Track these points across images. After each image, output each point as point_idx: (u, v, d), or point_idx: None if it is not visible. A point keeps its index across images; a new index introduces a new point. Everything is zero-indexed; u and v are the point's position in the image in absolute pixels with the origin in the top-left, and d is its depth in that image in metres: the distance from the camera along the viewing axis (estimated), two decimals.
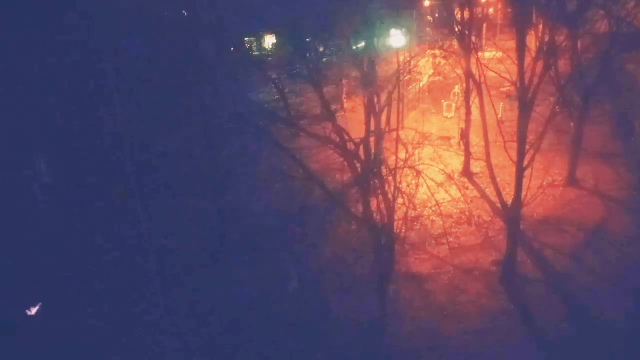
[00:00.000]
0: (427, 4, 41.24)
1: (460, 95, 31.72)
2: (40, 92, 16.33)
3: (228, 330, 17.08)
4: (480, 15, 41.33)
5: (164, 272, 18.36)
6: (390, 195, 18.13)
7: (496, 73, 19.32)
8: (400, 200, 18.68)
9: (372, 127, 23.27)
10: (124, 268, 17.80)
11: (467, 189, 25.73)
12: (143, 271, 18.19)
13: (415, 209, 22.00)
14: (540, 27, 21.63)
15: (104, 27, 16.57)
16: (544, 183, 23.06)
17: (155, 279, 18.14)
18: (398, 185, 17.95)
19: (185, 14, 19.67)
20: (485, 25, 43.10)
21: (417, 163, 19.55)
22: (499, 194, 19.62)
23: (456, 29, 24.25)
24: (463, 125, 27.59)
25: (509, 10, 37.73)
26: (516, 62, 17.31)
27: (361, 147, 20.01)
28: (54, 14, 16.36)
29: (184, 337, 16.75)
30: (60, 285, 17.89)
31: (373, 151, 23.50)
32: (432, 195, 21.38)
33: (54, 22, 16.27)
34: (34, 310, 16.73)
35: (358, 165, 19.38)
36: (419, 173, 18.74)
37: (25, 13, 16.07)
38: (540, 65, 17.93)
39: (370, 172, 19.60)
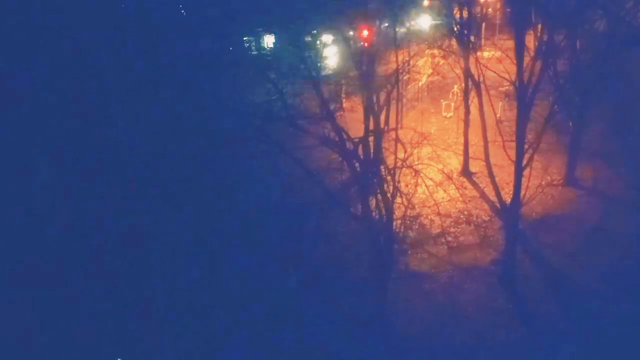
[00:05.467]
0: (425, 3, 41.22)
1: (459, 94, 31.73)
2: (39, 91, 16.32)
3: (226, 330, 17.08)
4: (479, 15, 41.32)
5: (162, 270, 18.36)
6: (389, 195, 18.15)
7: (495, 72, 19.33)
8: (399, 200, 18.70)
9: (371, 127, 23.26)
10: (123, 266, 17.80)
11: (466, 188, 25.73)
12: (142, 269, 18.18)
13: (414, 208, 22.01)
14: (539, 26, 21.64)
15: (103, 26, 16.56)
16: (543, 182, 23.07)
17: (154, 276, 18.14)
18: (397, 184, 17.97)
19: (184, 12, 19.65)
20: (484, 24, 43.10)
21: (416, 162, 19.57)
22: (498, 193, 19.63)
23: (455, 29, 24.27)
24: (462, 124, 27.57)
25: (508, 9, 37.76)
26: (515, 62, 17.32)
27: (360, 147, 20.03)
28: (54, 14, 16.35)
29: (182, 334, 16.74)
30: (59, 284, 17.89)
31: (372, 150, 23.51)
32: (431, 194, 21.44)
33: (54, 21, 16.25)
34: None
35: (357, 164, 19.40)
36: (417, 172, 18.77)
37: (25, 13, 16.05)
38: (538, 65, 17.94)
39: (369, 171, 19.61)
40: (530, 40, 21.45)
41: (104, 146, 17.50)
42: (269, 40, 23.52)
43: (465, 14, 25.09)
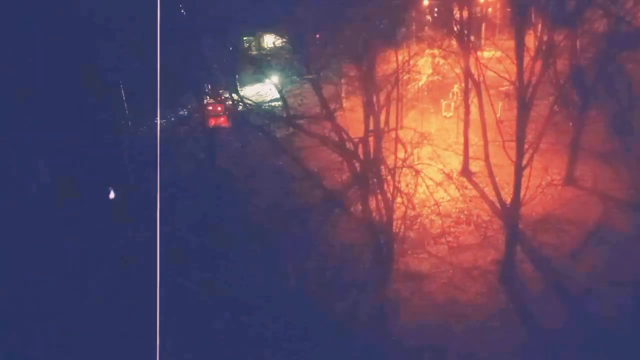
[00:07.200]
0: (425, 3, 41.22)
1: (459, 94, 31.73)
2: (38, 91, 16.32)
3: (226, 330, 17.07)
4: (479, 15, 41.32)
5: (161, 271, 18.33)
6: (389, 195, 18.16)
7: (495, 72, 19.31)
8: (399, 200, 18.72)
9: (371, 127, 23.28)
10: (120, 266, 17.80)
11: (466, 188, 25.72)
12: (140, 269, 18.18)
13: (414, 208, 22.05)
14: (539, 26, 21.62)
15: (102, 26, 16.56)
16: (543, 182, 23.04)
17: (153, 277, 18.11)
18: (397, 184, 17.98)
19: (184, 12, 19.66)
20: (484, 24, 43.12)
21: (416, 162, 19.60)
22: (498, 193, 19.61)
23: (455, 28, 24.25)
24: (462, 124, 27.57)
25: (508, 9, 37.77)
26: (515, 62, 17.30)
27: (360, 147, 20.03)
28: (54, 16, 16.35)
29: (181, 336, 16.74)
30: (57, 283, 17.90)
31: (372, 150, 23.54)
32: (431, 194, 21.46)
33: (54, 22, 16.26)
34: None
35: (357, 164, 19.42)
36: (417, 172, 18.79)
37: (24, 14, 16.06)
38: (539, 65, 17.92)
39: (369, 171, 19.62)
40: (531, 40, 21.42)
41: (102, 145, 17.51)
42: (268, 40, 23.54)
43: (465, 13, 25.08)
